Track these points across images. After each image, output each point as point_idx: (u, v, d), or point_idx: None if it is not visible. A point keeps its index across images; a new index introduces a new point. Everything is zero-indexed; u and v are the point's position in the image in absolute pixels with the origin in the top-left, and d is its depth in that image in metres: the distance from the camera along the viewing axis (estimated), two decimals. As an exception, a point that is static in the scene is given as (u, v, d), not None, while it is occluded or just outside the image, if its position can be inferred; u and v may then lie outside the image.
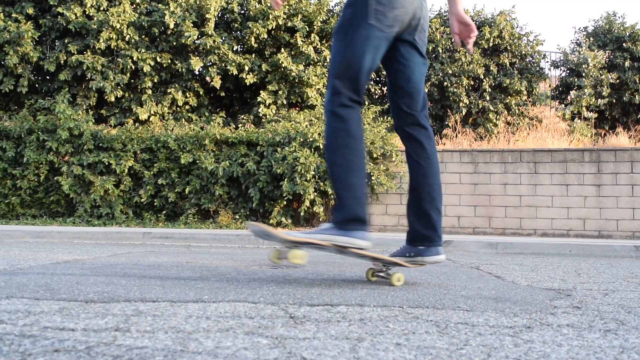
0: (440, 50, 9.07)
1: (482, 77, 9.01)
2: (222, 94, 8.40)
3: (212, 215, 7.06)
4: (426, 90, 8.73)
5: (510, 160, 7.03)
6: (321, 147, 6.54)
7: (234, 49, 8.39)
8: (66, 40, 7.92)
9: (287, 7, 8.25)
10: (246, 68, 7.96)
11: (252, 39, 8.11)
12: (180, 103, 8.05)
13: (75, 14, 7.76)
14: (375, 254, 2.27)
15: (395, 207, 7.06)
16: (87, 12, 7.86)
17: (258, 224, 2.16)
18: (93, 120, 7.53)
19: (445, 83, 8.86)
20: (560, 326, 1.45)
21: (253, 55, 8.26)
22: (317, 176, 6.54)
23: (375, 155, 6.95)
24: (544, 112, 9.99)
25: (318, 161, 6.52)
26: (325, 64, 8.28)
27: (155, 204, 7.10)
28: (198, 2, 8.01)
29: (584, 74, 9.36)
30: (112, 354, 1.06)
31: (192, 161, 7.02)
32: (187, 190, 6.93)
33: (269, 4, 8.08)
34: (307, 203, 6.46)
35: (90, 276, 2.23)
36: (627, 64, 9.42)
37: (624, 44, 9.70)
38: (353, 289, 2.03)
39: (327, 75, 6.10)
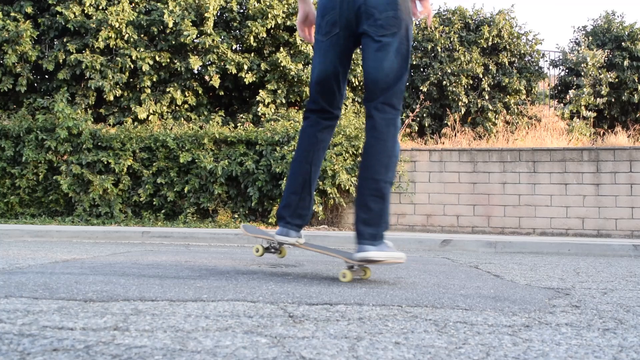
0: (439, 50, 9.07)
1: (481, 76, 9.01)
2: (221, 93, 8.39)
3: (211, 215, 7.06)
4: (424, 90, 8.85)
5: (509, 159, 7.03)
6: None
7: (233, 48, 8.38)
8: (65, 39, 7.91)
9: (286, 5, 8.25)
10: (245, 67, 7.95)
11: (251, 37, 8.10)
12: (179, 102, 8.04)
13: (74, 13, 7.75)
14: (325, 251, 2.41)
15: (395, 207, 7.06)
16: (85, 11, 7.84)
17: (246, 225, 2.64)
18: (92, 120, 7.52)
19: (444, 82, 8.86)
20: (559, 325, 1.45)
21: (252, 54, 8.25)
22: (316, 175, 6.53)
23: (374, 155, 6.94)
24: (543, 111, 10.00)
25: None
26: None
27: (154, 203, 7.09)
28: (197, 1, 8.00)
29: (582, 73, 9.36)
30: (111, 353, 1.06)
31: (191, 160, 7.02)
32: (186, 190, 6.93)
33: (268, 3, 8.07)
34: (306, 202, 6.45)
35: (89, 275, 2.23)
36: (626, 63, 9.42)
37: (622, 43, 9.71)
38: (352, 288, 2.03)
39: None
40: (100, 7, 7.83)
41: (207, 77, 8.29)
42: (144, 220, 6.95)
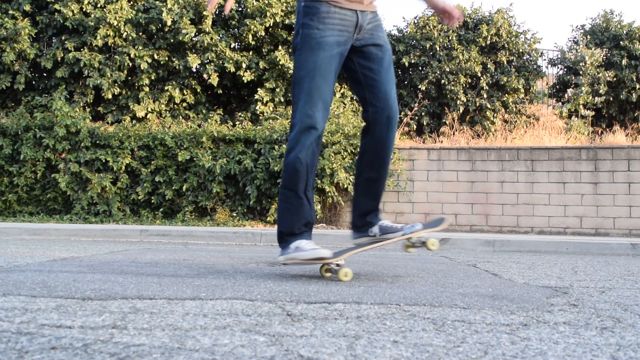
0: (438, 48, 9.07)
1: (479, 74, 9.01)
2: (220, 91, 8.38)
3: (209, 213, 7.05)
4: (423, 88, 8.85)
5: (508, 158, 7.04)
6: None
7: (232, 46, 8.37)
8: (63, 37, 7.89)
9: (284, 4, 8.24)
10: (243, 65, 7.94)
11: (250, 36, 8.09)
12: (177, 100, 8.03)
13: (73, 11, 7.73)
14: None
15: (393, 205, 7.07)
16: (84, 9, 7.83)
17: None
18: (90, 118, 7.51)
19: (443, 81, 8.86)
20: (556, 324, 1.45)
21: (250, 53, 8.24)
22: (314, 174, 6.53)
23: (372, 153, 6.94)
24: (541, 110, 10.00)
25: (315, 159, 6.51)
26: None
27: (152, 201, 7.09)
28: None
29: (581, 72, 9.36)
30: (109, 351, 1.06)
31: (190, 158, 7.01)
32: (184, 188, 6.92)
33: (266, 1, 8.06)
34: (304, 201, 6.45)
35: (87, 273, 2.23)
36: (624, 62, 9.42)
37: (621, 42, 9.71)
38: (350, 287, 2.03)
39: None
40: (99, 5, 7.81)
41: (205, 76, 8.28)
42: (142, 218, 6.94)
